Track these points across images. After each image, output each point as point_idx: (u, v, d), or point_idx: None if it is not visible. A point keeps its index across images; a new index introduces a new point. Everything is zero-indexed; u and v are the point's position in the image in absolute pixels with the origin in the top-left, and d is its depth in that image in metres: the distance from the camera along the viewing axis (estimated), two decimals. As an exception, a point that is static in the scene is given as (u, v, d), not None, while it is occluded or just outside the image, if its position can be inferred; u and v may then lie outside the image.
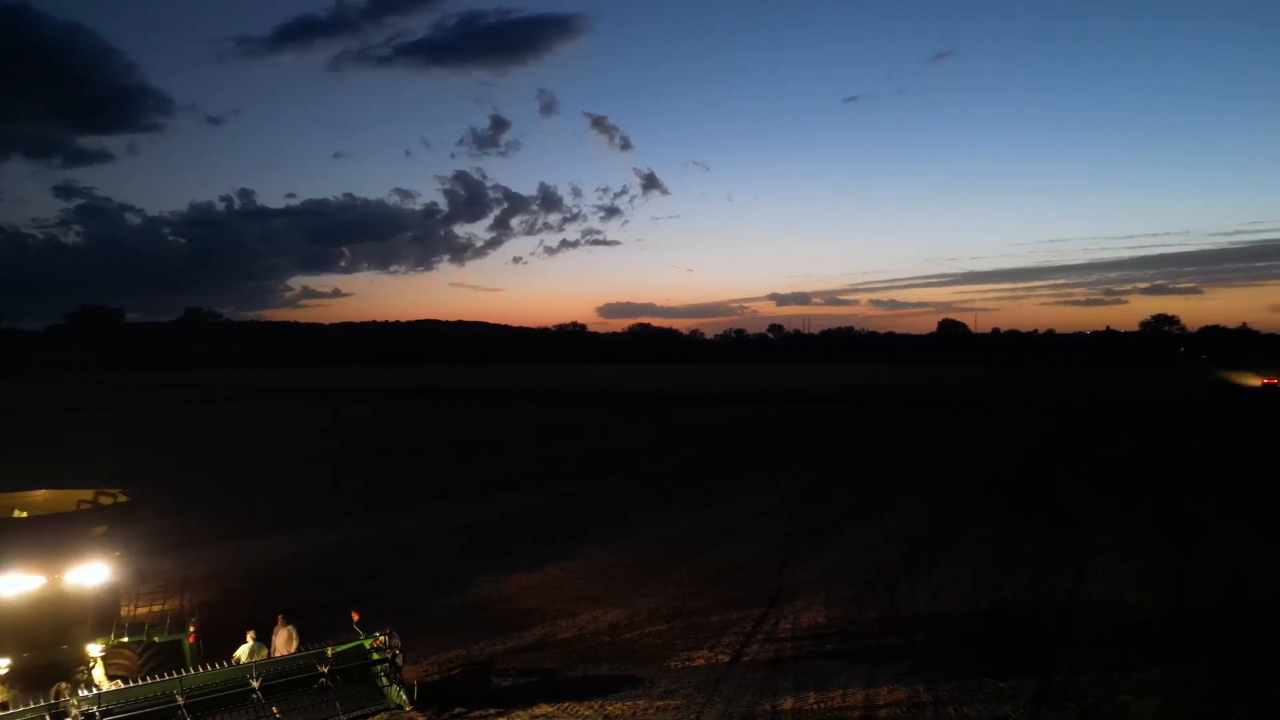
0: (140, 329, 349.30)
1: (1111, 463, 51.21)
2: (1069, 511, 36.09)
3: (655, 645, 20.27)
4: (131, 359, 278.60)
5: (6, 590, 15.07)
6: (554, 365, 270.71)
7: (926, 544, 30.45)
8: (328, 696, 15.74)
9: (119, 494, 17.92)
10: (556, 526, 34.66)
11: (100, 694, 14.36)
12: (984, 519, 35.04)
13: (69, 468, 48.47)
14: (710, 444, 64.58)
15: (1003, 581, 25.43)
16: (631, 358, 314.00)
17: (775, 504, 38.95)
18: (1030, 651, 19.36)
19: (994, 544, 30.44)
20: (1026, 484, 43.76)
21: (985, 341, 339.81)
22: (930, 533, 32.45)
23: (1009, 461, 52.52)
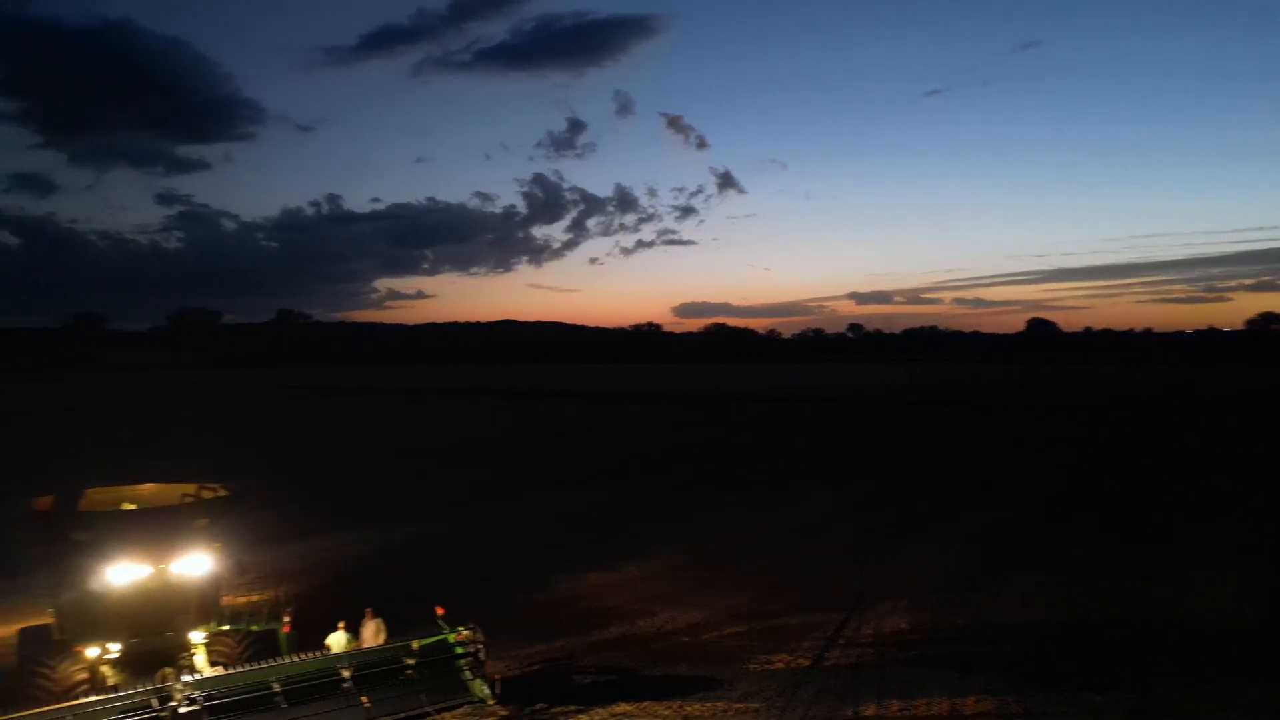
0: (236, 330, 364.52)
1: (1210, 469, 48.75)
2: (1162, 519, 34.49)
3: (733, 647, 20.20)
4: (228, 359, 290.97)
5: (117, 579, 15.92)
6: (629, 365, 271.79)
7: (1011, 550, 29.56)
8: (414, 688, 16.16)
9: (219, 489, 18.72)
10: (631, 525, 34.82)
11: (202, 679, 15.09)
12: (1072, 525, 33.80)
13: (171, 463, 50.93)
14: (784, 444, 63.91)
15: (1093, 591, 24.51)
16: (706, 357, 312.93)
17: (851, 505, 38.35)
18: (1125, 665, 18.62)
19: (1083, 552, 29.34)
20: (1116, 490, 42.00)
21: (1077, 341, 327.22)
22: (1015, 538, 31.48)
23: (1098, 465, 50.51)
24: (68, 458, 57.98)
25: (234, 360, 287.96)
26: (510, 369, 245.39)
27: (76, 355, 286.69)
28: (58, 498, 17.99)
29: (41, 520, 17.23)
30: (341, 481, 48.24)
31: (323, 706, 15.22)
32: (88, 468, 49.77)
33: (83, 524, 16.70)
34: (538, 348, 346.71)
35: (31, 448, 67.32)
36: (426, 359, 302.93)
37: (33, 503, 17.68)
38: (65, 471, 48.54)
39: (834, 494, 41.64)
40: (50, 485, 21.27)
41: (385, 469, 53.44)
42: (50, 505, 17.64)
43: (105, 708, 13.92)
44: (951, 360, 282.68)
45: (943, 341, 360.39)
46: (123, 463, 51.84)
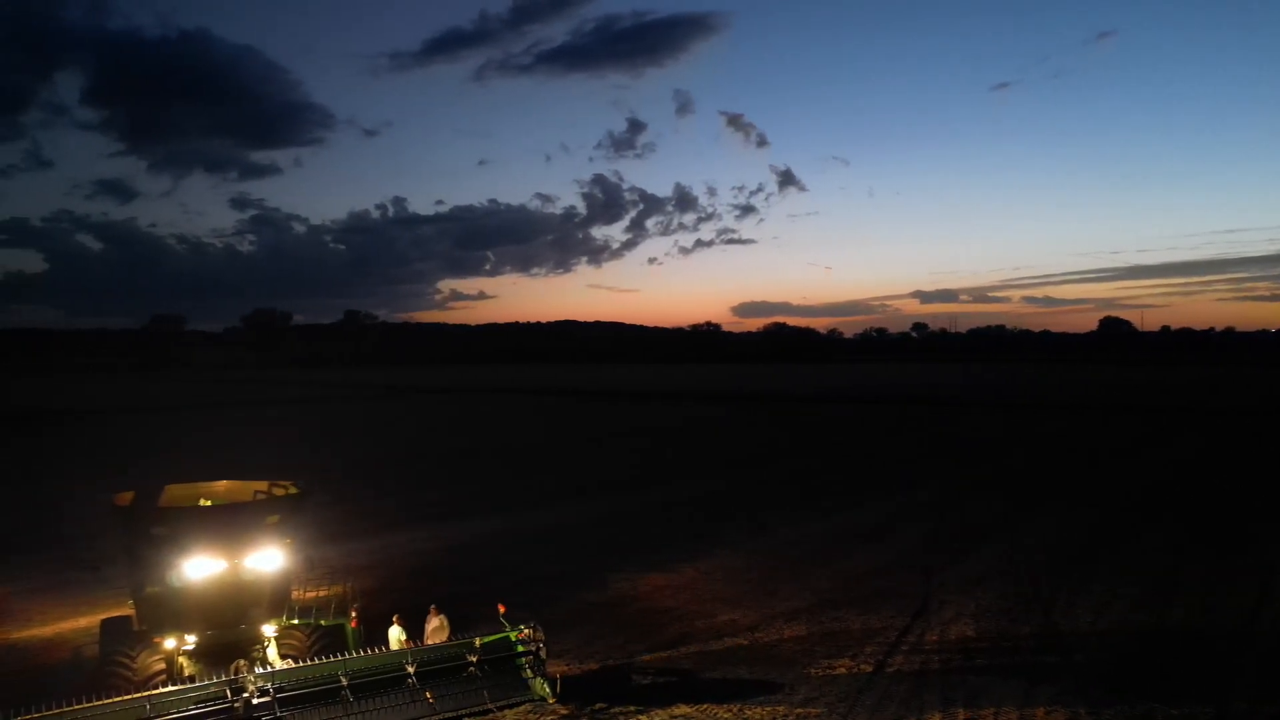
0: (305, 330, 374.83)
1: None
2: (1245, 527, 33.05)
3: (794, 651, 20.00)
4: (298, 359, 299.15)
5: (194, 573, 16.46)
6: (688, 365, 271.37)
7: (1084, 557, 28.64)
8: (476, 685, 16.39)
9: (290, 486, 19.25)
10: (690, 526, 34.75)
11: (274, 671, 15.53)
12: (1148, 532, 32.59)
13: (244, 460, 52.58)
14: (846, 446, 63.05)
15: (1171, 600, 23.60)
16: (766, 358, 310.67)
17: (914, 509, 37.65)
18: (1204, 678, 17.88)
19: (1160, 559, 28.27)
20: (1196, 495, 40.37)
21: (1153, 340, 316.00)
22: (1088, 545, 30.50)
23: (1176, 470, 48.65)
24: (148, 454, 60.34)
25: (304, 360, 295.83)
26: (570, 369, 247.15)
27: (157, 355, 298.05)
28: (138, 494, 18.70)
29: (122, 515, 17.93)
30: (407, 479, 49.18)
31: (388, 701, 15.53)
32: (167, 464, 51.70)
33: (161, 519, 17.33)
34: (597, 348, 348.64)
35: (114, 445, 70.23)
36: (488, 359, 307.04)
37: (114, 498, 18.41)
38: (145, 468, 50.55)
39: (898, 497, 40.92)
40: (131, 481, 22.17)
41: (449, 467, 54.30)
42: (131, 501, 18.35)
43: (182, 698, 14.42)
44: (1020, 360, 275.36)
45: (1011, 341, 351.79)
46: (199, 460, 53.69)
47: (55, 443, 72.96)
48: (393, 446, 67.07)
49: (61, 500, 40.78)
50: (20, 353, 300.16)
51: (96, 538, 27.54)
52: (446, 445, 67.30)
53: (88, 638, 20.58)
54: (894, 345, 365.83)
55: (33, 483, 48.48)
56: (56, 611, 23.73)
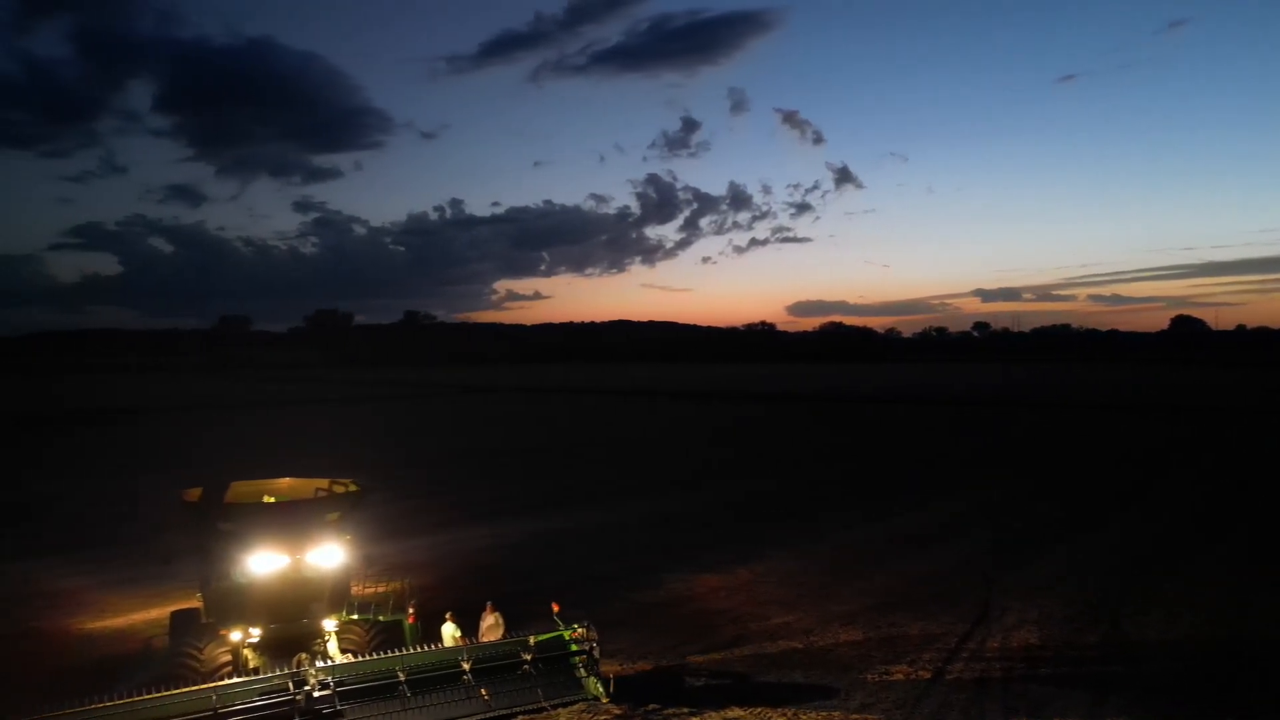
0: (366, 331, 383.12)
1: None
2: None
3: (850, 655, 19.71)
4: (359, 358, 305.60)
5: (258, 567, 16.89)
6: (742, 365, 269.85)
7: (1154, 564, 27.67)
8: (530, 683, 16.49)
9: (350, 483, 19.63)
10: (745, 527, 34.53)
11: (334, 665, 15.84)
12: (1225, 539, 31.37)
13: (306, 457, 53.89)
14: (904, 448, 62.00)
15: (1244, 610, 22.69)
16: (822, 357, 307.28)
17: (975, 513, 36.82)
18: (1277, 690, 17.15)
19: (1237, 568, 27.17)
20: (1272, 504, 38.69)
21: (1228, 340, 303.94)
22: (1159, 552, 29.48)
23: (1254, 474, 46.71)
24: (215, 451, 62.17)
25: (365, 359, 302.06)
26: (624, 368, 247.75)
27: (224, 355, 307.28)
28: (206, 490, 19.25)
29: (191, 511, 18.50)
30: (465, 477, 49.82)
31: (444, 697, 15.72)
32: (233, 461, 53.22)
33: (227, 515, 17.82)
34: (651, 347, 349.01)
35: (183, 442, 72.56)
36: (543, 358, 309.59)
37: (183, 494, 18.99)
38: (213, 465, 52.08)
39: (959, 500, 40.08)
40: (199, 477, 22.84)
41: (506, 466, 54.85)
42: (199, 497, 18.90)
43: (247, 689, 14.80)
44: (1086, 361, 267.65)
45: (1077, 341, 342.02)
46: (264, 457, 55.16)
47: (129, 440, 75.68)
48: (450, 444, 68.00)
49: (134, 495, 42.25)
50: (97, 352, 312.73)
51: (167, 532, 28.44)
52: (502, 443, 67.99)
53: (158, 629, 21.27)
54: (954, 345, 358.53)
55: (107, 478, 50.34)
56: (129, 603, 24.59)
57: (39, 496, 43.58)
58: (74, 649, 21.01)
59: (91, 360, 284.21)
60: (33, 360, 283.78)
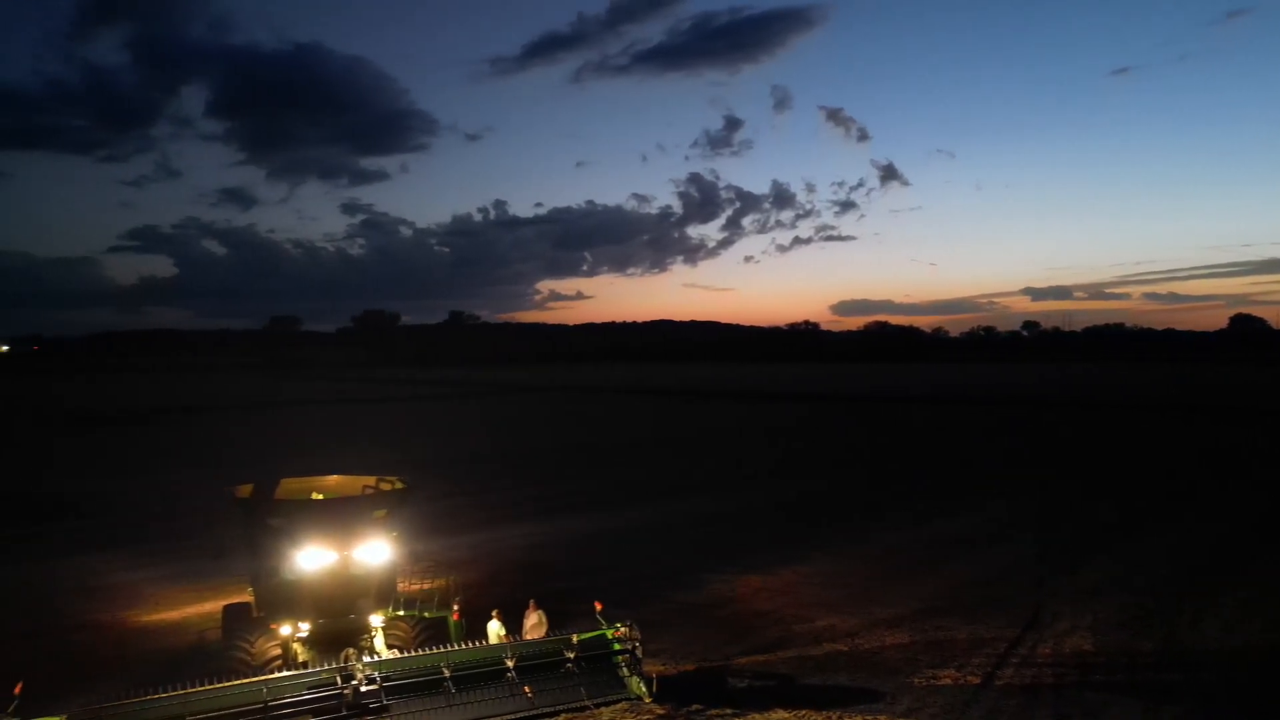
0: (412, 330, 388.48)
1: None
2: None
3: (897, 659, 19.44)
4: (405, 357, 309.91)
5: (307, 563, 17.18)
6: (786, 365, 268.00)
7: (1210, 571, 26.85)
8: (573, 681, 16.54)
9: (397, 481, 19.88)
10: (789, 528, 34.27)
11: (381, 660, 16.06)
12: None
13: (354, 455, 54.76)
14: (951, 448, 61.02)
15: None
16: (867, 357, 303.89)
17: (1024, 515, 36.08)
18: (1353, 705, 16.50)
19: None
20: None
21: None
22: (1216, 557, 28.61)
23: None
24: (267, 448, 63.46)
25: (411, 359, 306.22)
26: (666, 368, 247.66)
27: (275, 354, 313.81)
28: (256, 487, 19.66)
29: (242, 506, 18.90)
30: (509, 476, 50.20)
31: (488, 694, 15.83)
32: (283, 458, 54.28)
33: (277, 511, 18.15)
34: (693, 347, 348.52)
35: (236, 439, 74.18)
36: (585, 358, 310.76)
37: (234, 490, 19.40)
38: (264, 461, 53.15)
39: (1008, 502, 39.33)
40: (251, 474, 23.33)
41: (549, 464, 55.15)
42: (250, 493, 19.30)
43: (296, 683, 15.07)
44: (1141, 361, 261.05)
45: (1131, 340, 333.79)
46: (314, 454, 56.14)
47: (184, 437, 77.61)
48: (494, 443, 68.57)
49: (189, 492, 43.29)
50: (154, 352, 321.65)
51: (219, 528, 29.08)
52: (546, 443, 68.36)
53: (211, 622, 21.74)
54: (1003, 344, 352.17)
55: (163, 475, 51.65)
56: (183, 597, 25.20)
57: (99, 492, 44.89)
58: (131, 641, 21.59)
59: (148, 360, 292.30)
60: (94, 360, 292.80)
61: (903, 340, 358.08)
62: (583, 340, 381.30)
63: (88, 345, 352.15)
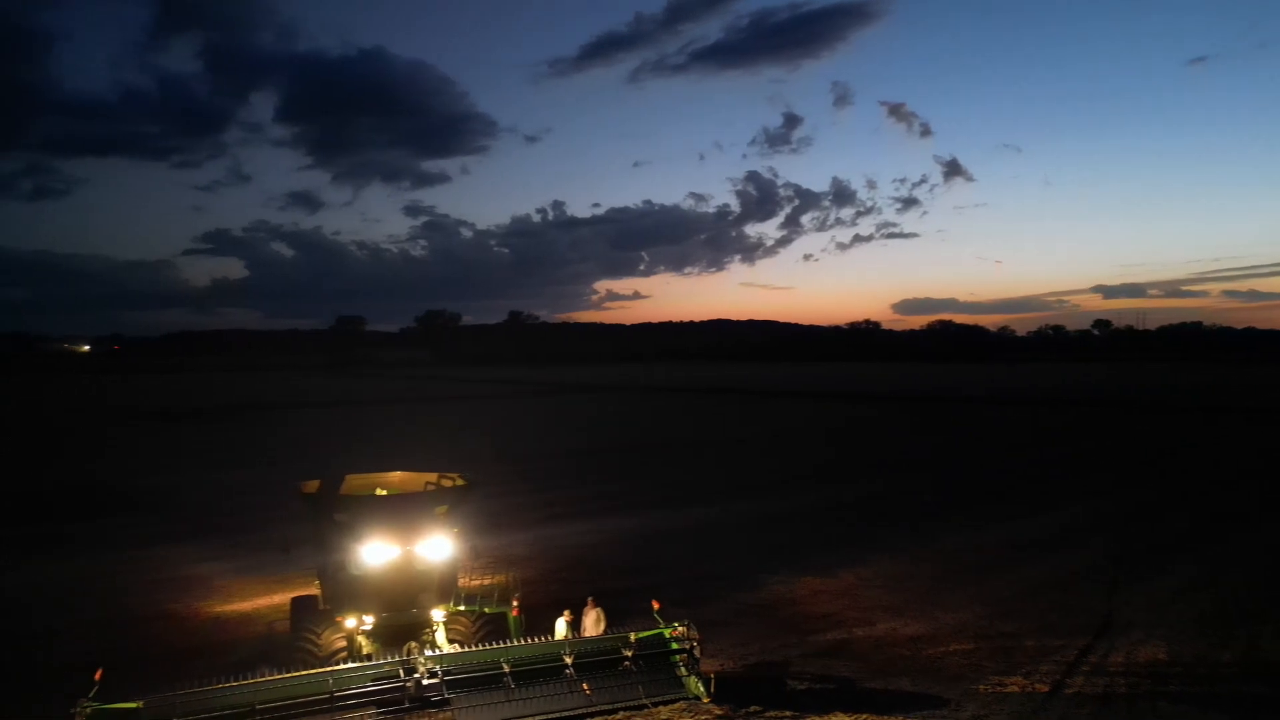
0: (473, 330, 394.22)
1: None
2: None
3: (961, 665, 18.99)
4: (467, 357, 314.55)
5: (371, 557, 17.50)
6: (846, 364, 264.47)
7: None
8: (631, 680, 16.51)
9: (458, 478, 20.11)
10: (849, 529, 33.79)
11: (443, 655, 16.27)
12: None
13: (416, 452, 55.65)
14: (1018, 449, 59.47)
15: None
16: (930, 356, 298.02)
17: (1094, 519, 34.98)
18: None
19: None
20: None
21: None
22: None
23: None
24: (334, 444, 65.02)
25: (473, 358, 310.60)
26: (724, 367, 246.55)
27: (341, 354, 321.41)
28: (323, 482, 20.09)
29: (309, 501, 19.34)
30: (567, 473, 50.53)
31: (546, 690, 15.89)
32: (349, 455, 55.53)
33: (342, 506, 18.52)
34: (751, 346, 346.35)
35: (304, 436, 76.15)
36: (643, 358, 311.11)
37: (302, 486, 19.87)
38: (331, 457, 54.43)
39: (1079, 505, 38.17)
40: (317, 470, 23.88)
41: (608, 463, 55.36)
42: (316, 488, 19.73)
43: (360, 674, 15.35)
44: (1219, 361, 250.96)
45: (1209, 339, 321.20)
46: (378, 450, 57.27)
47: (255, 434, 79.95)
48: (553, 441, 69.09)
49: (258, 487, 44.57)
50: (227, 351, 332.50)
51: (288, 522, 29.83)
52: (603, 441, 68.64)
53: (279, 614, 22.32)
54: (1073, 343, 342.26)
55: (235, 471, 53.27)
56: (253, 589, 25.93)
57: (176, 486, 46.50)
58: (203, 631, 22.29)
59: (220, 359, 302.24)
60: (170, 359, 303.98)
61: (967, 339, 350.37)
62: (640, 340, 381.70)
63: (164, 345, 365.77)
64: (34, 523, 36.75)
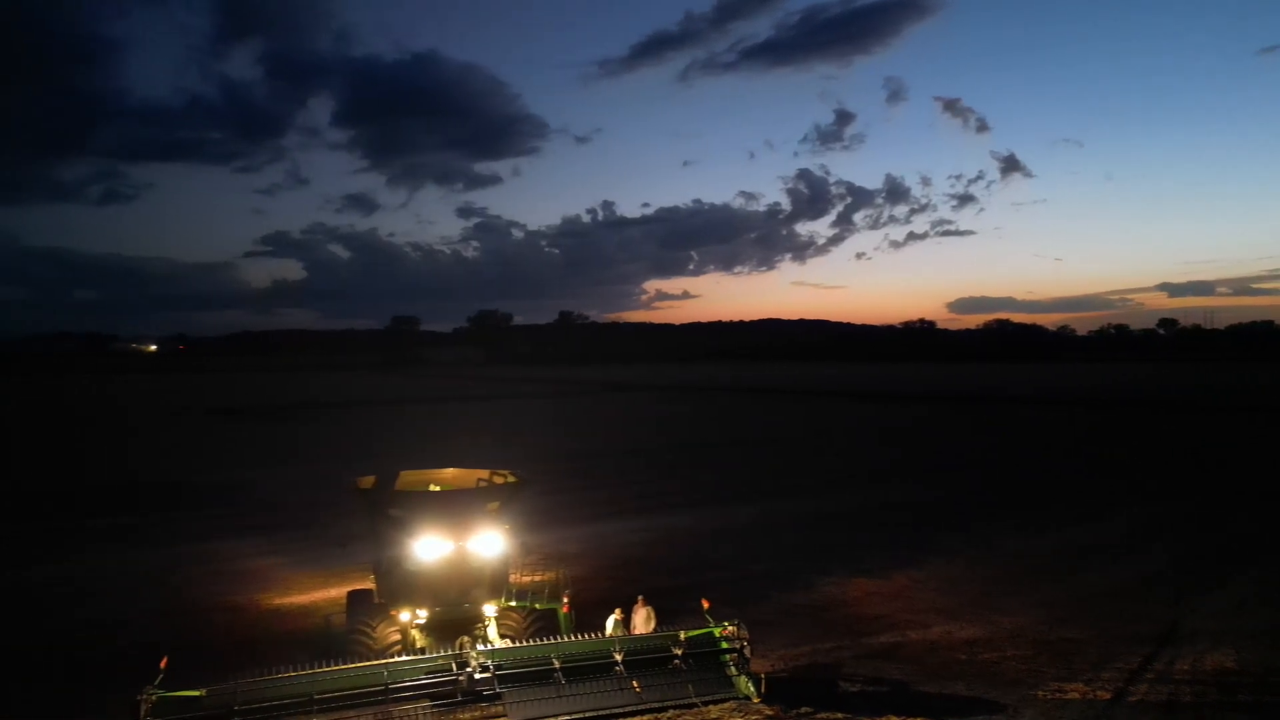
0: (524, 330, 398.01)
1: None
2: None
3: (1019, 670, 18.57)
4: (519, 356, 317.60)
5: (425, 552, 17.76)
6: (900, 364, 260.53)
7: (1381, 588, 24.54)
8: (681, 678, 16.49)
9: (509, 475, 20.31)
10: (902, 531, 33.27)
11: (495, 649, 16.44)
12: None
13: (468, 449, 56.35)
14: (1078, 452, 57.92)
15: None
16: (987, 356, 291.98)
17: (1160, 524, 33.91)
18: None
19: None
20: None
21: None
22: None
23: None
24: (389, 442, 66.16)
25: (524, 358, 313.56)
26: (774, 367, 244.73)
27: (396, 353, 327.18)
28: (378, 478, 20.46)
29: (364, 497, 19.70)
30: (618, 472, 50.67)
31: (596, 686, 15.95)
32: (403, 451, 56.46)
33: (397, 502, 18.84)
34: (802, 346, 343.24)
35: (360, 433, 77.60)
36: (692, 357, 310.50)
37: (358, 482, 20.25)
38: (386, 454, 55.45)
39: (1143, 510, 37.06)
40: (373, 466, 24.31)
41: (658, 462, 55.36)
42: (372, 484, 20.11)
43: (414, 667, 15.60)
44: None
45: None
46: (431, 447, 58.15)
47: (313, 431, 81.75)
48: (603, 440, 69.34)
49: (316, 482, 45.56)
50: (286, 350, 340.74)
51: (345, 517, 30.45)
52: (653, 440, 68.65)
53: (336, 607, 22.76)
54: (1136, 343, 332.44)
55: (295, 466, 54.54)
56: (310, 582, 26.52)
57: (239, 482, 47.79)
58: (263, 622, 22.87)
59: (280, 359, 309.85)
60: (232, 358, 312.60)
61: (1025, 339, 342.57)
62: (689, 339, 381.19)
63: (227, 345, 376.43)
64: (106, 515, 38.07)
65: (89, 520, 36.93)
